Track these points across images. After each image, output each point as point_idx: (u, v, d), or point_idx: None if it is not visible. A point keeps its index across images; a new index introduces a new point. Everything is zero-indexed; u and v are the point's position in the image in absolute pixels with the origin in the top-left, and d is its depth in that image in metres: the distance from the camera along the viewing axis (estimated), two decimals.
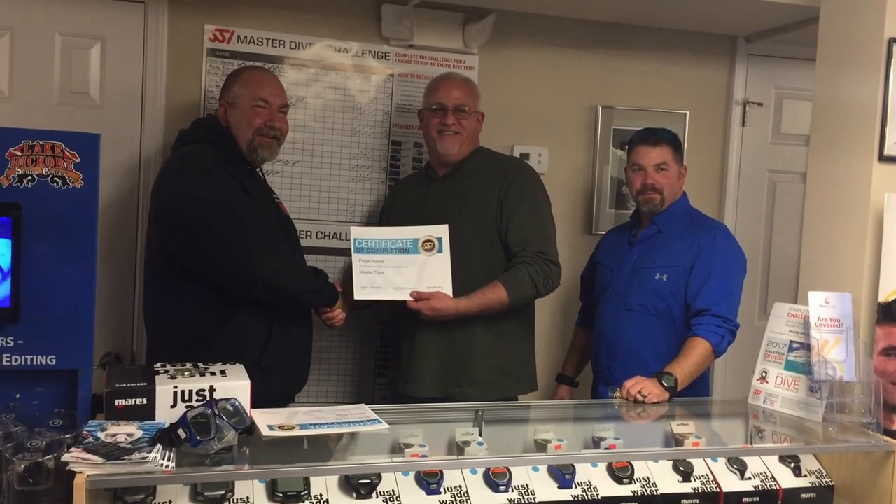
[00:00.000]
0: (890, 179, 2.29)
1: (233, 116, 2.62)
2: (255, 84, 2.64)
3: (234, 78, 2.69)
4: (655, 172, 2.82)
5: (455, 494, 1.84)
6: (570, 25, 3.46)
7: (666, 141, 2.85)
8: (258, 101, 2.60)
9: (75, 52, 2.97)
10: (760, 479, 2.06)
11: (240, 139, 2.60)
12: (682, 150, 2.93)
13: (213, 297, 2.48)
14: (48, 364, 1.78)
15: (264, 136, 2.61)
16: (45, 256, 1.77)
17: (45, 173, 1.76)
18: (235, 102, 2.62)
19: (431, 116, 2.87)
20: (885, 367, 2.22)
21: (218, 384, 1.87)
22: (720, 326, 2.60)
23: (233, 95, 2.63)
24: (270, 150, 2.66)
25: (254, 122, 2.59)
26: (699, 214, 2.97)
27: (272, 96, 2.64)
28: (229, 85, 2.68)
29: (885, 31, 2.27)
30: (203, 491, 1.73)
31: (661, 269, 2.76)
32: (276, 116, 2.64)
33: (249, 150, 2.61)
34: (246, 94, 2.61)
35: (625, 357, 2.79)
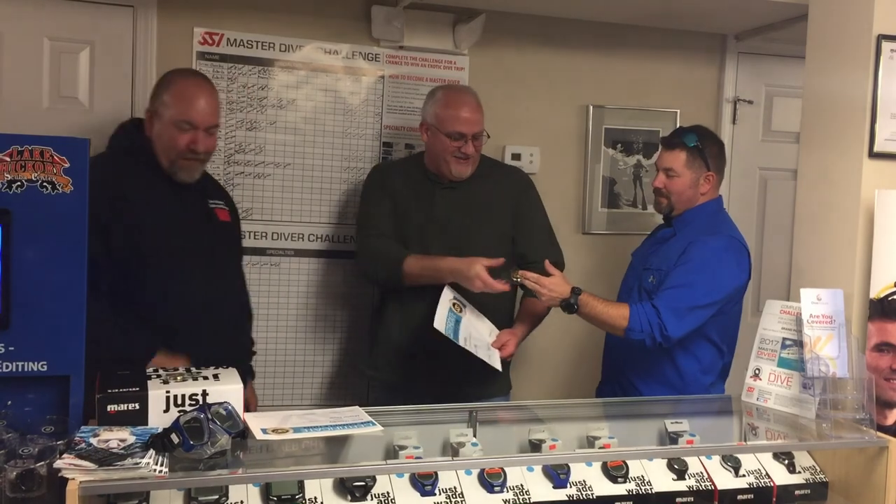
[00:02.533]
0: (880, 176, 2.30)
1: (156, 129, 2.44)
2: (183, 102, 2.42)
3: (165, 86, 2.48)
4: (664, 176, 2.72)
5: (450, 496, 1.84)
6: (560, 25, 3.46)
7: (681, 146, 2.68)
8: (183, 123, 2.40)
9: (64, 56, 2.96)
10: (755, 476, 2.06)
11: (160, 155, 2.44)
12: (703, 156, 2.68)
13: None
14: (39, 370, 1.77)
15: (186, 159, 2.44)
16: (35, 262, 1.75)
17: (35, 179, 1.75)
18: (161, 115, 2.44)
19: (448, 140, 2.76)
20: (878, 363, 2.23)
21: (210, 388, 1.87)
22: (651, 324, 2.49)
23: (159, 106, 2.45)
24: (191, 172, 2.47)
25: (176, 144, 2.41)
26: (718, 221, 2.75)
27: (200, 118, 2.42)
28: (159, 92, 2.48)
29: (874, 28, 2.27)
30: (197, 496, 1.72)
31: (654, 271, 2.71)
32: (201, 139, 2.43)
33: (170, 169, 2.45)
34: (172, 111, 2.42)
35: (621, 363, 2.78)
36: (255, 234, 3.20)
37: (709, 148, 2.71)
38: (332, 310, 3.30)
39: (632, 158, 3.61)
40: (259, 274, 3.22)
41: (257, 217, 3.20)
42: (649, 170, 3.63)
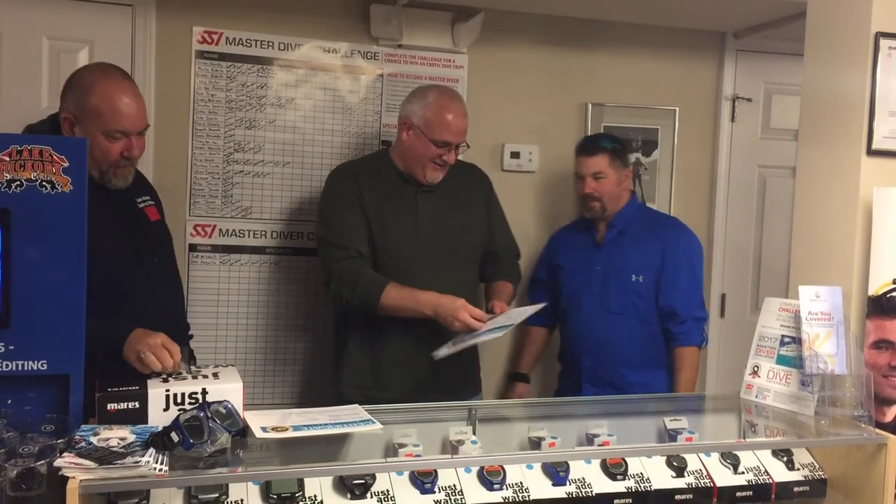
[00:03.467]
0: (878, 173, 2.30)
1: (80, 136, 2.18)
2: (111, 109, 2.18)
3: (85, 91, 2.20)
4: (593, 181, 2.97)
5: (450, 493, 1.84)
6: (559, 23, 3.46)
7: (601, 150, 2.97)
8: (115, 133, 2.20)
9: (63, 55, 2.96)
10: (754, 473, 2.07)
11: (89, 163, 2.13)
12: (621, 156, 3.03)
13: None
14: (39, 369, 1.77)
15: (120, 166, 2.25)
16: (35, 261, 1.76)
17: (34, 178, 1.75)
18: (84, 124, 2.19)
19: (433, 146, 2.70)
20: (876, 360, 2.23)
21: (210, 387, 1.87)
22: (700, 328, 2.95)
23: (82, 114, 2.19)
24: (125, 177, 2.29)
25: (108, 155, 2.21)
26: (653, 212, 3.24)
27: (132, 124, 2.22)
28: (80, 97, 2.20)
29: (872, 26, 2.27)
30: (197, 494, 1.72)
31: (636, 271, 2.93)
32: (135, 144, 2.25)
33: (101, 179, 2.24)
34: (100, 121, 2.18)
35: (609, 357, 2.94)
36: (255, 232, 3.20)
37: (621, 148, 3.05)
38: (331, 308, 3.30)
39: (631, 156, 3.60)
40: (258, 272, 3.22)
41: (256, 216, 3.21)
42: (648, 167, 3.63)
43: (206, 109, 3.14)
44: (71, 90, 2.24)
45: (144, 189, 2.48)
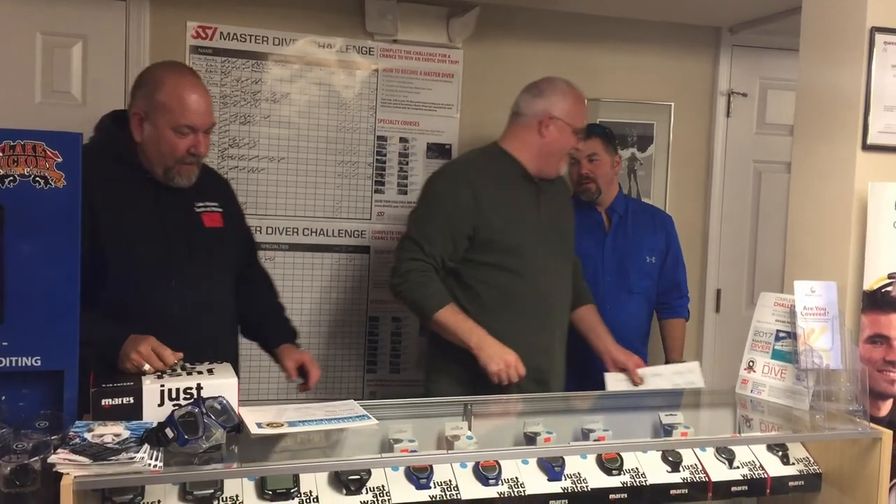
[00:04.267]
0: (873, 168, 2.30)
1: (148, 134, 2.23)
2: (181, 105, 2.21)
3: (155, 86, 2.23)
4: (589, 163, 3.09)
5: (445, 489, 1.84)
6: (554, 18, 3.46)
7: (595, 133, 3.10)
8: (184, 128, 2.21)
9: (57, 50, 2.96)
10: (749, 467, 2.07)
11: (153, 161, 2.25)
12: (613, 142, 3.17)
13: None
14: (33, 365, 1.76)
15: (185, 164, 2.26)
16: (28, 257, 1.75)
17: (27, 174, 1.74)
18: (153, 120, 2.22)
19: (574, 137, 2.72)
20: (871, 355, 2.23)
21: (205, 382, 1.86)
22: (688, 303, 3.24)
23: (151, 110, 2.22)
24: (189, 176, 2.29)
25: (176, 151, 2.22)
26: (638, 201, 3.46)
27: (200, 120, 2.24)
28: (150, 93, 2.23)
29: (867, 20, 2.27)
30: (192, 490, 1.71)
31: (650, 252, 3.11)
32: (202, 142, 2.26)
33: (165, 176, 2.26)
34: (170, 116, 2.20)
35: (629, 336, 3.04)
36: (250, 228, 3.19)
37: (612, 135, 3.20)
38: (325, 304, 3.30)
39: (626, 151, 3.61)
40: None
41: (251, 211, 3.20)
42: (644, 163, 3.64)
43: None
44: (141, 86, 2.26)
45: (213, 195, 2.42)
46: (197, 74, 2.36)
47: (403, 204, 3.35)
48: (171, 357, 1.94)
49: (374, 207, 3.34)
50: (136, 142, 2.26)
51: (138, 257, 2.23)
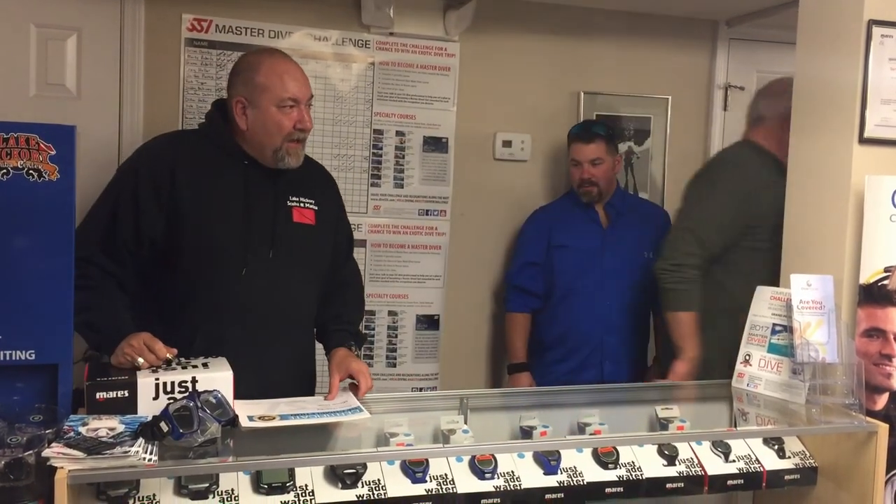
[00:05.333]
0: (870, 161, 2.30)
1: (252, 118, 2.21)
2: (280, 80, 2.20)
3: (252, 69, 2.23)
4: (591, 167, 3.10)
5: (441, 482, 1.84)
6: (551, 11, 3.45)
7: (599, 136, 3.11)
8: (287, 101, 2.20)
9: (51, 43, 2.94)
10: (745, 461, 2.07)
11: (263, 145, 2.22)
12: (615, 142, 3.20)
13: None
14: (27, 359, 1.76)
15: (293, 141, 2.23)
16: (22, 251, 1.74)
17: (21, 166, 1.73)
18: (256, 101, 2.20)
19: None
20: (868, 349, 2.23)
21: (200, 376, 1.86)
22: None
23: (252, 92, 2.20)
24: (298, 157, 2.26)
25: (283, 127, 2.20)
26: (633, 196, 3.48)
27: (300, 91, 2.23)
28: (248, 78, 2.22)
29: (865, 13, 2.26)
30: (187, 484, 1.71)
31: (648, 248, 3.07)
32: (307, 115, 2.25)
33: (275, 158, 2.22)
34: (271, 93, 2.19)
35: (631, 331, 3.10)
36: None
37: (614, 135, 3.22)
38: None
39: (623, 145, 3.60)
40: None
41: None
42: (641, 156, 3.63)
43: (196, 97, 3.11)
44: (237, 75, 2.27)
45: (312, 192, 2.36)
46: (287, 54, 2.35)
47: (399, 198, 3.35)
48: (164, 351, 1.93)
49: (371, 201, 3.33)
50: (240, 131, 2.24)
51: (211, 237, 2.19)
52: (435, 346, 3.43)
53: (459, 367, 3.48)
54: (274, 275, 2.24)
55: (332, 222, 2.41)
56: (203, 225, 2.18)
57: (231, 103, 2.25)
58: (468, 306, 3.49)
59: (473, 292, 3.49)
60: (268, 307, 2.23)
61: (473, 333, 3.50)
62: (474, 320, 3.50)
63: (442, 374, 3.44)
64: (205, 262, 2.18)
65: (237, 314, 2.20)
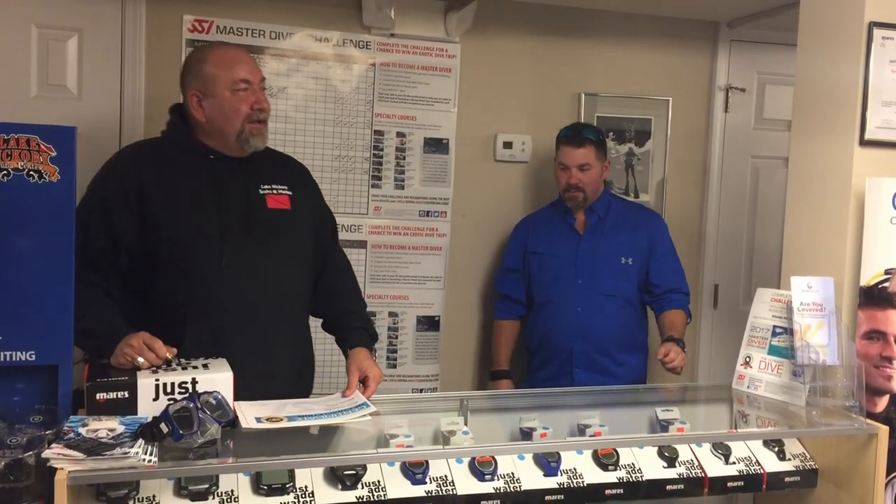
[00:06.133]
0: (871, 163, 2.30)
1: (208, 107, 2.23)
2: (228, 64, 2.25)
3: (201, 62, 2.27)
4: (579, 172, 3.01)
5: (441, 484, 1.84)
6: (552, 12, 3.44)
7: (589, 141, 3.02)
8: (239, 83, 2.24)
9: (52, 44, 2.94)
10: (745, 463, 2.07)
11: (224, 132, 2.24)
12: (605, 147, 3.12)
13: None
14: (28, 360, 1.76)
15: (253, 122, 2.25)
16: (22, 252, 1.75)
17: (21, 167, 1.74)
18: (210, 90, 2.23)
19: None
20: (868, 351, 2.23)
21: (200, 377, 1.86)
22: (688, 301, 3.07)
23: (205, 82, 2.24)
24: (262, 137, 2.29)
25: (240, 109, 2.23)
26: (622, 199, 3.34)
27: (250, 71, 2.27)
28: (197, 71, 2.26)
29: (865, 15, 2.27)
30: (187, 485, 1.71)
31: (626, 254, 3.02)
32: (262, 95, 2.29)
33: (239, 141, 2.25)
34: (223, 78, 2.23)
35: (603, 340, 3.00)
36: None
37: (604, 139, 3.13)
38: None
39: (624, 147, 3.60)
40: None
41: None
42: (641, 158, 3.63)
43: None
44: (187, 72, 2.30)
45: (283, 179, 2.37)
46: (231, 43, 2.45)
47: (400, 199, 3.35)
48: (164, 349, 1.93)
49: (371, 202, 3.33)
50: (201, 126, 2.25)
51: (186, 233, 2.18)
52: (435, 348, 3.43)
53: (460, 369, 3.48)
54: (254, 262, 2.24)
55: (309, 207, 2.41)
56: (176, 224, 2.18)
57: (186, 100, 2.27)
58: (469, 307, 3.49)
59: (474, 293, 3.49)
60: (253, 295, 2.22)
61: (474, 335, 3.50)
62: (475, 321, 3.50)
63: (442, 376, 3.44)
64: (183, 258, 2.18)
65: (223, 306, 2.19)
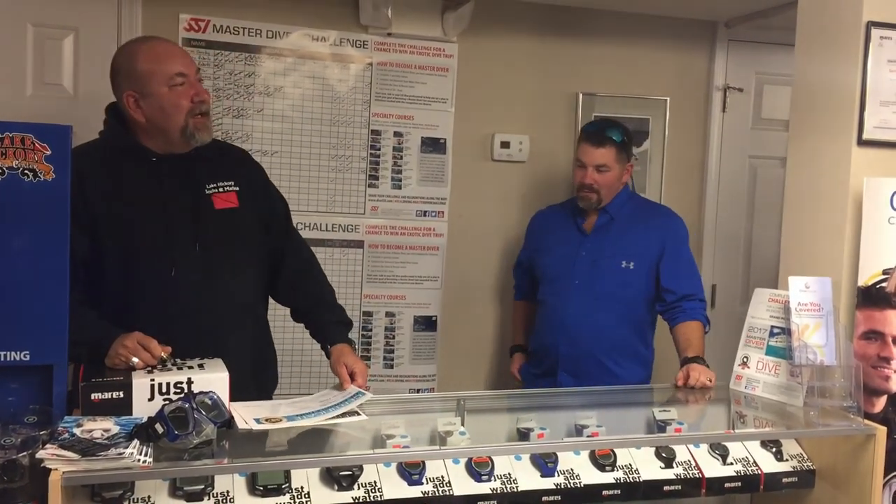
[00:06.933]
0: (869, 163, 2.29)
1: (148, 106, 2.14)
2: (160, 59, 2.15)
3: (131, 58, 2.17)
4: (595, 172, 2.84)
5: (437, 485, 1.84)
6: (549, 12, 3.44)
7: (611, 142, 2.84)
8: (175, 78, 2.15)
9: (48, 42, 2.93)
10: (742, 464, 2.07)
11: (167, 130, 2.16)
12: (628, 149, 2.92)
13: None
14: (22, 360, 1.75)
15: (196, 115, 2.17)
16: (17, 251, 1.74)
17: (16, 166, 1.73)
18: (146, 89, 2.14)
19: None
20: (866, 351, 2.23)
21: (196, 377, 1.86)
22: (704, 309, 2.78)
23: (137, 80, 2.14)
24: (208, 130, 2.21)
25: (181, 104, 2.15)
26: (643, 199, 3.13)
27: (184, 63, 2.18)
28: (129, 71, 2.16)
29: (864, 15, 2.26)
30: (182, 486, 1.71)
31: (628, 257, 2.83)
32: (199, 88, 2.20)
33: (184, 137, 2.17)
34: (157, 73, 2.13)
35: (590, 345, 2.84)
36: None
37: (629, 142, 2.92)
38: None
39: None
40: None
41: None
42: (639, 157, 3.62)
43: None
44: (118, 73, 2.20)
45: (228, 173, 2.30)
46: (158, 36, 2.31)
47: (397, 198, 3.34)
48: (158, 349, 1.92)
49: (368, 202, 3.32)
50: (140, 127, 2.18)
51: (134, 243, 2.13)
52: (432, 348, 3.43)
53: (457, 369, 3.47)
54: (206, 267, 2.19)
55: (257, 198, 2.35)
56: (124, 233, 2.13)
57: (123, 102, 2.17)
58: (466, 307, 3.48)
59: (471, 293, 3.49)
60: (207, 300, 2.18)
61: (471, 335, 3.50)
62: (472, 321, 3.49)
63: (439, 376, 3.43)
64: (133, 269, 2.14)
65: (178, 313, 2.14)
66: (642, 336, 2.92)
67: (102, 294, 2.14)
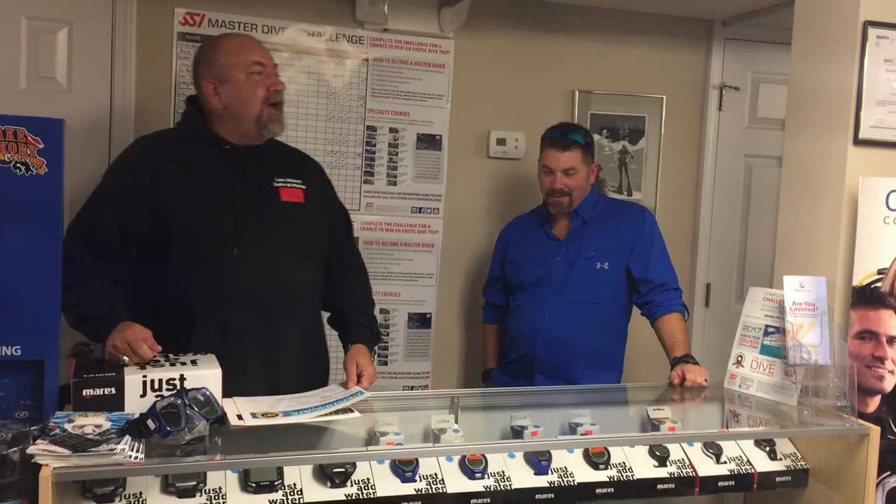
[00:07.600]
0: (865, 163, 2.29)
1: (225, 94, 2.23)
2: (241, 49, 2.26)
3: (212, 50, 2.28)
4: (564, 176, 2.85)
5: (431, 482, 1.83)
6: (546, 9, 3.43)
7: (576, 144, 2.85)
8: (254, 66, 2.24)
9: (42, 35, 2.91)
10: (736, 463, 2.07)
11: (243, 118, 2.23)
12: (592, 150, 2.94)
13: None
14: (13, 355, 1.74)
15: (271, 106, 2.25)
16: (9, 245, 1.73)
17: (8, 160, 1.72)
18: (226, 77, 2.22)
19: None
20: (860, 351, 2.23)
21: (188, 373, 1.85)
22: (680, 297, 2.78)
23: (219, 69, 2.23)
24: (280, 123, 2.30)
25: (257, 92, 2.23)
26: (612, 199, 3.16)
27: (263, 53, 2.28)
28: (211, 59, 2.26)
29: (860, 14, 2.26)
30: (174, 482, 1.70)
31: (601, 258, 2.84)
32: (276, 79, 2.29)
33: (258, 126, 2.24)
34: (237, 64, 2.23)
35: (567, 348, 2.81)
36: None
37: (592, 142, 2.96)
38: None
39: (617, 144, 3.59)
40: None
41: None
42: (635, 156, 3.62)
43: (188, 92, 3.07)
44: (199, 63, 2.30)
45: (297, 173, 2.37)
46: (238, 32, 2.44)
47: (393, 195, 3.33)
48: (149, 353, 1.92)
49: (363, 198, 3.31)
50: (217, 115, 2.25)
51: (199, 220, 2.19)
52: (427, 345, 3.42)
53: (451, 366, 3.47)
54: (267, 252, 2.23)
55: (323, 201, 2.42)
56: (190, 214, 2.18)
57: (202, 89, 2.26)
58: (460, 305, 3.48)
59: (466, 291, 3.48)
60: (265, 285, 2.22)
61: (465, 332, 3.49)
62: (466, 319, 3.49)
63: (433, 373, 3.43)
64: (195, 248, 2.18)
65: (235, 296, 2.19)
66: (618, 338, 2.92)
67: (160, 274, 2.18)
